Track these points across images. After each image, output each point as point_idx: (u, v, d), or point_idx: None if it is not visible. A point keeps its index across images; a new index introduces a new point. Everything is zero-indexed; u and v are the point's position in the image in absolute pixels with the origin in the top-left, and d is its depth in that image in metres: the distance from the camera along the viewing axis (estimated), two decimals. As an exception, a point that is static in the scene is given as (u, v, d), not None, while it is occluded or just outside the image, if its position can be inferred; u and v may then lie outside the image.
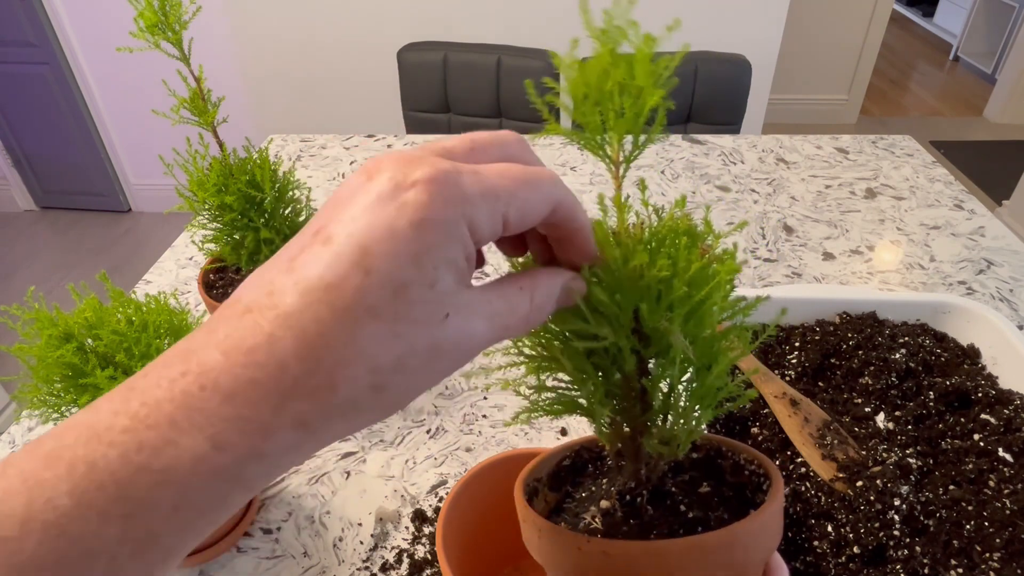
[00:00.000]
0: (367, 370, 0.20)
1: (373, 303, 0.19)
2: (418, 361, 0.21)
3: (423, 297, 0.20)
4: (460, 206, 0.21)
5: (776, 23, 2.08)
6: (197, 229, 0.63)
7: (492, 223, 0.22)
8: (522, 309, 0.24)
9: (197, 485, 0.19)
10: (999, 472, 0.51)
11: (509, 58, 1.49)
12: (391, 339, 0.20)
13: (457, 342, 0.21)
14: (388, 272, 0.20)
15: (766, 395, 0.60)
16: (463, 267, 0.22)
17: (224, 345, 0.19)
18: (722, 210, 1.04)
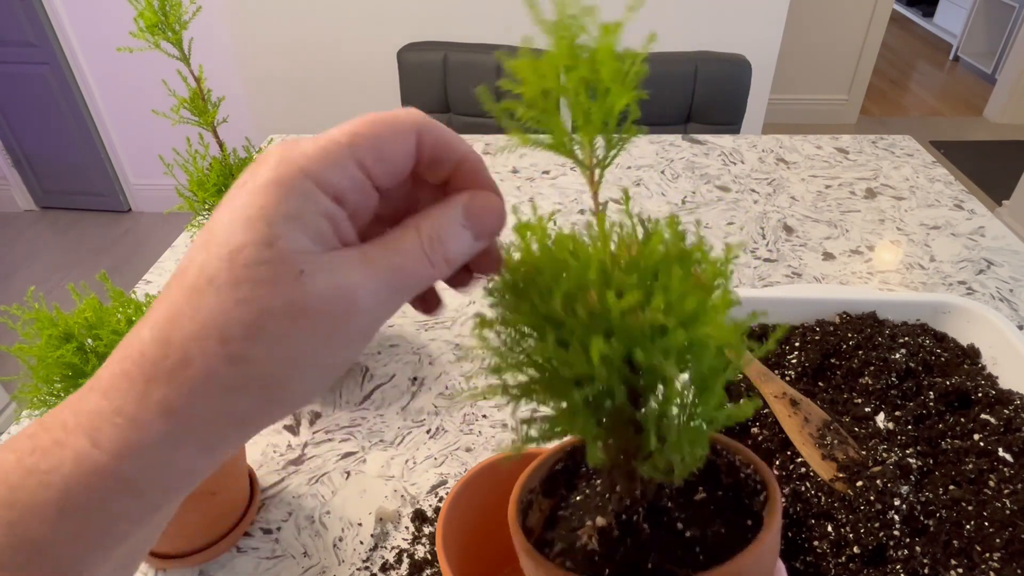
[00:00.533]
0: (218, 340, 0.19)
1: (212, 272, 0.19)
2: (275, 324, 0.19)
3: (261, 256, 0.19)
4: (295, 164, 0.20)
5: (776, 23, 2.08)
6: (197, 229, 0.63)
7: (345, 173, 0.21)
8: (410, 245, 0.22)
9: (79, 486, 0.19)
10: (999, 472, 0.51)
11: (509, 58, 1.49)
12: (235, 305, 0.19)
13: (324, 298, 0.20)
14: (223, 240, 0.19)
15: (766, 395, 0.60)
16: (321, 226, 0.21)
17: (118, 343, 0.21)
18: (722, 210, 1.04)
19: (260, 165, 0.21)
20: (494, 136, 1.26)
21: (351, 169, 0.21)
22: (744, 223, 1.01)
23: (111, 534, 0.20)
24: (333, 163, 0.21)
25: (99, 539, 0.20)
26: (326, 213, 0.21)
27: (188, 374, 0.19)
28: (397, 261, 0.22)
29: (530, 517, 0.31)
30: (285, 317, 0.19)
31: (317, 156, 0.21)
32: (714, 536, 0.27)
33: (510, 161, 1.18)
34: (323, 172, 0.21)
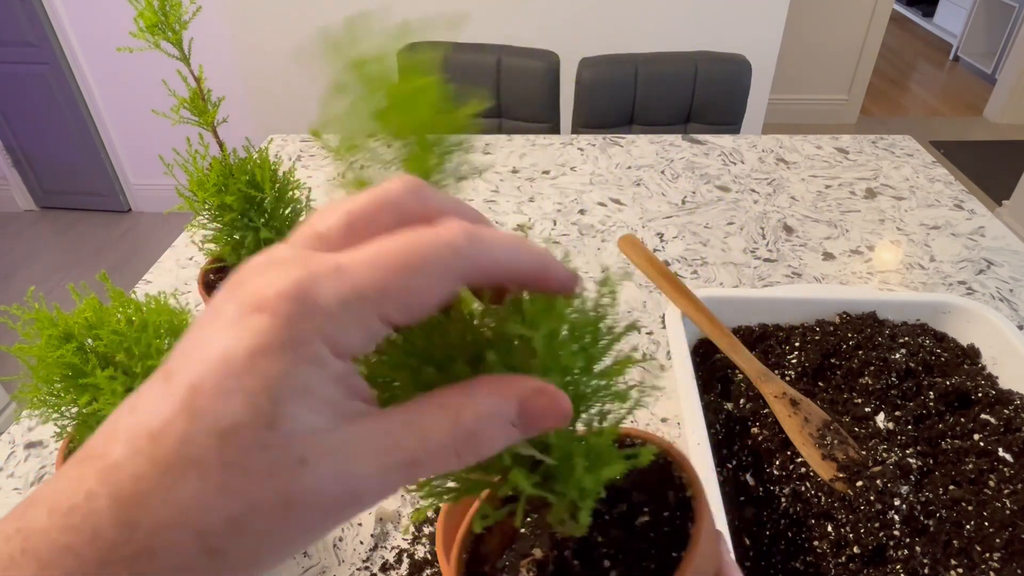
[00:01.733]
0: (193, 533, 0.16)
1: (196, 453, 0.16)
2: (262, 520, 0.16)
3: (260, 441, 0.16)
4: (311, 323, 0.17)
5: (776, 23, 2.08)
6: (197, 229, 0.63)
7: (365, 331, 0.18)
8: (438, 436, 0.18)
9: None
10: (999, 472, 0.51)
11: (509, 58, 1.49)
12: (219, 496, 0.16)
13: (324, 492, 0.17)
14: (215, 413, 0.16)
15: (766, 395, 0.60)
16: (331, 396, 0.17)
17: (51, 501, 0.16)
18: (722, 210, 1.04)
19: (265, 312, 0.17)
20: (494, 136, 1.26)
21: (375, 327, 0.18)
22: (744, 223, 1.01)
23: None
24: (356, 323, 0.17)
25: None
26: (337, 378, 0.18)
27: (154, 566, 0.16)
28: (418, 455, 0.18)
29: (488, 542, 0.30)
30: (275, 512, 0.17)
31: (339, 315, 0.17)
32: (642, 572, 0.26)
33: (510, 161, 1.18)
34: (341, 332, 0.17)
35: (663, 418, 0.69)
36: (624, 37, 2.10)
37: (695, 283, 0.88)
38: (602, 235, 0.99)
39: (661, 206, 1.05)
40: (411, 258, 0.18)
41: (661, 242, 0.97)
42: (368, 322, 0.18)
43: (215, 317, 0.17)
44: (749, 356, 0.63)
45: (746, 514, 0.53)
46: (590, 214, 1.03)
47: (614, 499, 0.30)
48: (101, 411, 0.46)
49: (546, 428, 0.20)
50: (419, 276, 0.18)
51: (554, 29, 2.09)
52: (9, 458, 0.67)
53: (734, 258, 0.93)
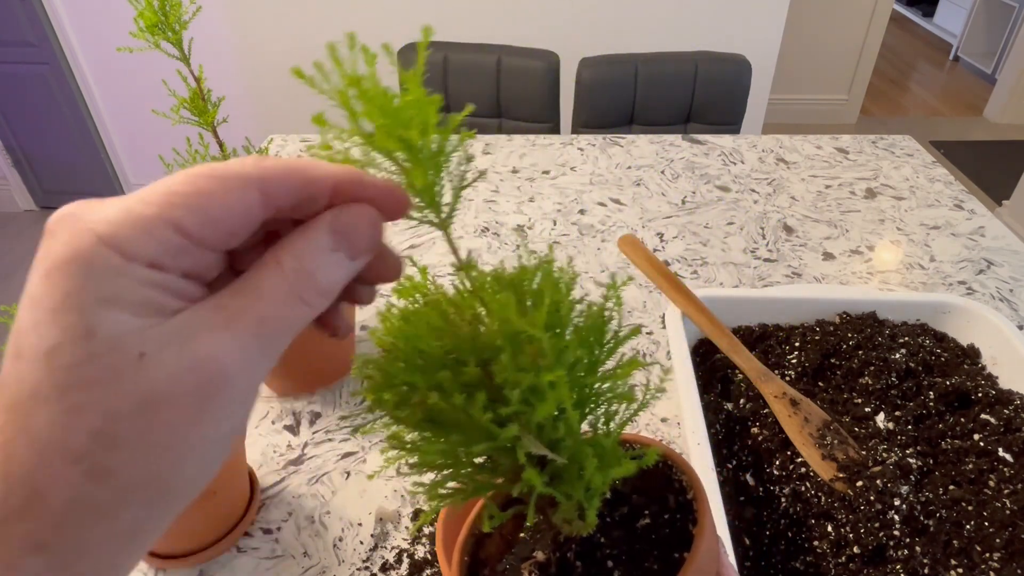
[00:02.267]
0: (67, 461, 0.16)
1: (31, 387, 0.16)
2: (130, 423, 0.16)
3: (83, 352, 0.16)
4: (94, 232, 0.16)
5: (776, 23, 2.08)
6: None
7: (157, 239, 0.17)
8: (273, 286, 0.18)
9: None
10: (999, 472, 0.51)
11: (509, 58, 1.49)
12: (71, 416, 0.16)
13: (180, 378, 0.17)
14: (33, 345, 0.16)
15: (766, 395, 0.60)
16: (145, 296, 0.17)
17: None
18: (722, 210, 1.04)
19: (49, 238, 0.17)
20: (494, 136, 1.26)
21: (165, 234, 0.17)
22: (744, 223, 1.01)
23: None
24: (141, 229, 0.17)
25: None
26: (147, 282, 0.17)
27: (47, 506, 0.16)
28: (262, 309, 0.18)
29: (487, 546, 0.30)
30: (137, 414, 0.16)
31: (119, 221, 0.17)
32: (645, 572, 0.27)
33: (510, 161, 1.18)
34: (129, 240, 0.17)
35: (663, 418, 0.69)
36: (624, 37, 2.10)
37: (695, 283, 0.88)
38: (602, 235, 0.99)
39: (661, 206, 1.05)
40: (205, 170, 0.18)
41: (661, 242, 0.97)
42: (157, 229, 0.17)
43: None
44: (749, 356, 0.63)
45: (746, 514, 0.53)
46: (590, 214, 1.03)
47: (615, 502, 0.30)
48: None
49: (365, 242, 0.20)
50: (211, 182, 0.18)
51: (554, 29, 2.09)
52: (9, 458, 0.67)
53: (734, 258, 0.93)
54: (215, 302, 0.18)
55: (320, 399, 0.72)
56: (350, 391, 0.73)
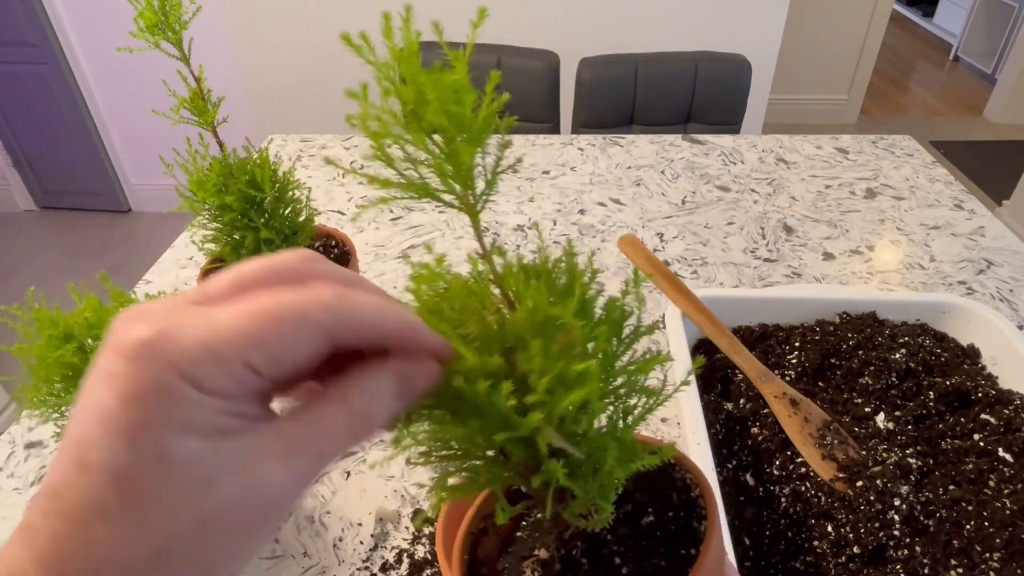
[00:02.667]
0: (120, 573, 0.17)
1: (97, 501, 0.17)
2: (188, 543, 0.17)
3: (154, 474, 0.17)
4: (170, 366, 0.18)
5: (776, 23, 2.08)
6: (197, 229, 0.63)
7: (229, 375, 0.18)
8: (336, 424, 0.20)
9: None
10: (999, 472, 0.51)
11: (509, 58, 1.49)
12: (135, 533, 0.17)
13: (241, 502, 0.18)
14: (104, 462, 0.17)
15: (766, 395, 0.60)
16: (214, 422, 0.18)
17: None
18: (722, 210, 1.04)
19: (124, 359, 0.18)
20: (494, 136, 1.26)
21: (240, 372, 0.19)
22: (744, 223, 1.01)
23: None
24: (218, 368, 0.18)
25: None
26: (217, 410, 0.18)
27: None
28: (321, 444, 0.20)
29: (484, 543, 0.30)
30: (197, 535, 0.17)
31: (198, 358, 0.18)
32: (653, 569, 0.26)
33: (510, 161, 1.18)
34: (207, 375, 0.18)
35: (663, 418, 0.69)
36: (624, 37, 2.10)
37: (695, 283, 0.88)
38: (602, 235, 0.99)
39: (661, 206, 1.05)
40: (278, 309, 0.19)
41: (661, 242, 0.97)
42: (231, 366, 0.18)
43: (94, 370, 0.18)
44: (749, 356, 0.63)
45: (746, 514, 0.53)
46: (590, 214, 1.03)
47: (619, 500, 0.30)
48: (101, 411, 0.46)
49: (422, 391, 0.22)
50: (283, 326, 0.19)
51: (554, 29, 2.09)
52: (9, 458, 0.67)
53: (734, 258, 0.93)
54: (278, 429, 0.19)
55: None
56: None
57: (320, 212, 1.02)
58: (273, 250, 0.63)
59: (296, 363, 0.20)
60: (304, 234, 0.66)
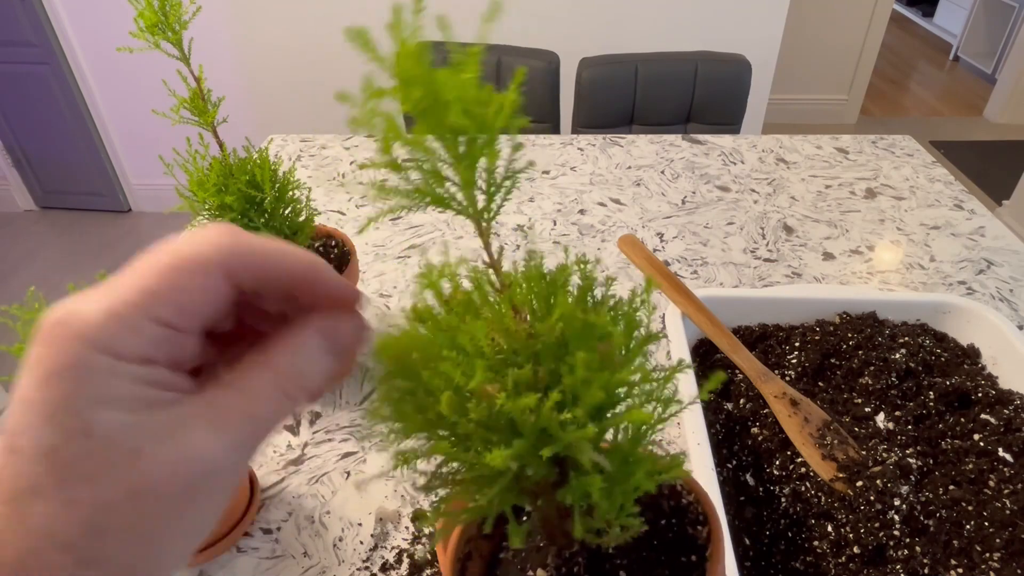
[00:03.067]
0: (59, 548, 0.17)
1: (31, 481, 0.17)
2: (122, 515, 0.18)
3: (81, 450, 0.17)
4: (79, 339, 0.18)
5: (776, 23, 2.08)
6: (197, 229, 0.63)
7: (143, 335, 0.19)
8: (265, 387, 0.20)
9: None
10: (999, 472, 0.51)
11: (509, 58, 1.49)
12: (68, 509, 0.17)
13: (172, 472, 0.18)
14: (30, 445, 0.17)
15: (766, 395, 0.60)
16: (137, 394, 0.18)
17: None
18: (722, 210, 1.04)
19: (41, 346, 0.18)
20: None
21: (149, 329, 0.19)
22: (744, 223, 1.01)
23: None
24: (126, 328, 0.18)
25: None
26: (138, 378, 0.18)
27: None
28: (252, 409, 0.19)
29: (470, 569, 0.29)
30: (129, 506, 0.18)
31: (103, 323, 0.18)
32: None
33: (510, 161, 1.18)
34: (116, 341, 0.18)
35: (663, 418, 0.69)
36: (624, 37, 2.10)
37: (695, 283, 0.88)
38: (602, 235, 0.99)
39: (661, 206, 1.05)
40: (171, 259, 0.19)
41: (661, 242, 0.97)
42: (139, 324, 0.18)
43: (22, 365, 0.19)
44: (749, 356, 0.63)
45: (746, 514, 0.53)
46: (590, 214, 1.03)
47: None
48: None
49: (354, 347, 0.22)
50: (179, 273, 0.19)
51: (554, 29, 2.09)
52: (9, 458, 0.67)
53: (734, 258, 0.93)
54: (207, 398, 0.19)
55: (320, 399, 0.72)
56: (356, 382, 0.73)
57: (320, 212, 1.02)
58: (273, 250, 0.64)
59: (206, 311, 0.20)
60: (304, 234, 0.66)
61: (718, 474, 0.51)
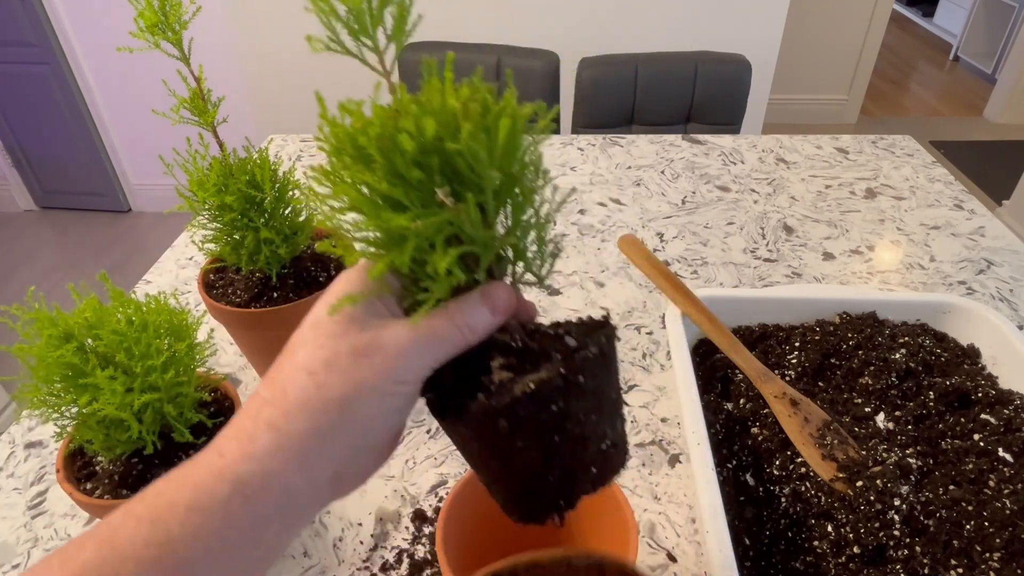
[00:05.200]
0: (306, 373, 0.27)
1: (303, 338, 0.28)
2: (344, 359, 0.27)
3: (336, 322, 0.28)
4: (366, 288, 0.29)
5: (776, 23, 2.08)
6: (197, 229, 0.63)
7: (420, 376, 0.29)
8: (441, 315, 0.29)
9: (204, 487, 0.25)
10: (999, 472, 0.51)
11: (509, 58, 1.49)
12: (317, 350, 0.27)
13: (378, 343, 0.28)
14: (309, 319, 0.29)
15: (766, 395, 0.60)
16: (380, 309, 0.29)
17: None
18: (722, 210, 1.04)
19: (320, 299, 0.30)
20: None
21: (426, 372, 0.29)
22: (744, 223, 1.01)
23: (224, 538, 0.25)
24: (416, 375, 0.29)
25: (214, 541, 0.25)
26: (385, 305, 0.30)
27: (287, 398, 0.27)
28: (431, 323, 0.29)
29: None
30: (350, 354, 0.27)
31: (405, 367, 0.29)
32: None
33: (510, 161, 1.18)
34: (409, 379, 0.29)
35: (663, 418, 0.69)
36: (624, 37, 2.10)
37: (695, 283, 0.88)
38: (602, 235, 0.99)
39: (661, 206, 1.05)
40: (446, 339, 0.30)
41: (661, 242, 0.97)
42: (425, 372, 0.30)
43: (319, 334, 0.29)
44: (749, 356, 0.63)
45: (746, 514, 0.53)
46: (590, 214, 1.03)
47: None
48: (101, 411, 0.46)
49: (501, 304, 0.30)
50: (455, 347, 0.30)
51: (554, 29, 2.09)
52: (9, 458, 0.67)
53: (734, 258, 0.93)
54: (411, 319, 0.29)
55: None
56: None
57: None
58: (273, 251, 0.63)
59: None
60: (304, 234, 0.66)
61: (718, 474, 0.51)
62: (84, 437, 0.48)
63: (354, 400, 0.27)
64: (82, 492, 0.49)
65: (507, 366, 0.30)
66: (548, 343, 0.31)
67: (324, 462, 0.27)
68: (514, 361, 0.30)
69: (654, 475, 0.63)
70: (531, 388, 0.27)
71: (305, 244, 0.67)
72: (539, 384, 0.27)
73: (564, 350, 0.30)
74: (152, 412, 0.48)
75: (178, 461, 0.51)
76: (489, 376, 0.30)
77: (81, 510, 0.60)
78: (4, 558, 0.58)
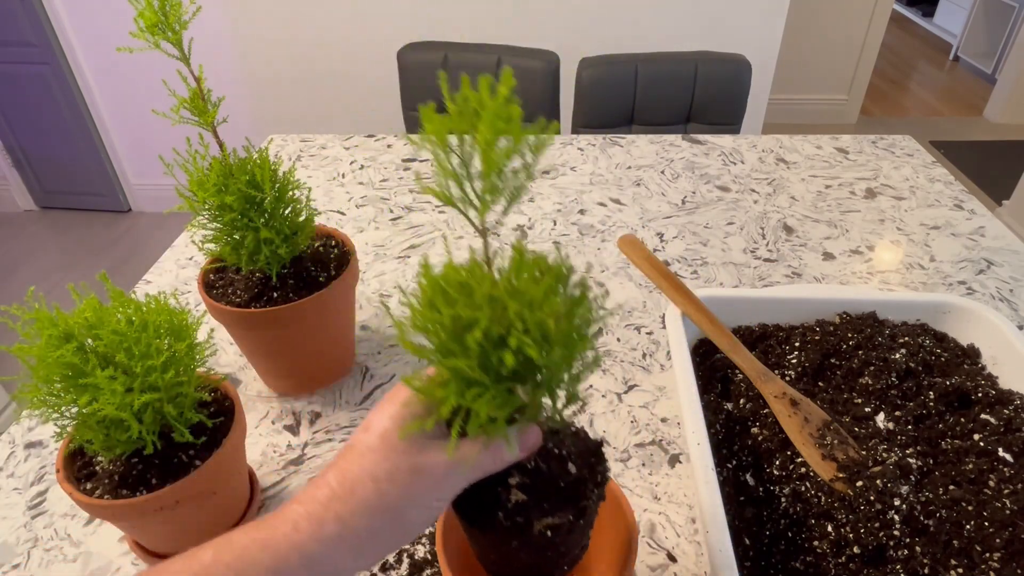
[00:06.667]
0: (371, 480, 0.33)
1: (371, 445, 0.34)
2: (403, 475, 0.33)
3: (398, 437, 0.34)
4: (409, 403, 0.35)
5: (776, 23, 2.08)
6: (197, 229, 0.63)
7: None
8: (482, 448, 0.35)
9: (281, 553, 0.32)
10: (999, 472, 0.51)
11: (509, 58, 1.49)
12: (383, 461, 0.33)
13: (430, 465, 0.34)
14: (378, 429, 0.34)
15: (766, 395, 0.60)
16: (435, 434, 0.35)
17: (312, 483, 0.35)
18: (722, 210, 1.04)
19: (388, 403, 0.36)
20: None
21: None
22: (744, 223, 1.01)
23: None
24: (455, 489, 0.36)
25: None
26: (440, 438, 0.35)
27: (354, 498, 0.33)
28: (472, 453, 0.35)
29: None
30: (409, 470, 0.33)
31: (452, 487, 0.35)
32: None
33: (510, 161, 1.17)
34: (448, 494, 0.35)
35: (663, 418, 0.69)
36: (624, 37, 2.10)
37: (695, 283, 0.88)
38: (602, 235, 0.99)
39: (661, 206, 1.05)
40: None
41: (661, 242, 0.97)
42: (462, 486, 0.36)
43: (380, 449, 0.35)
44: (749, 356, 0.63)
45: (746, 514, 0.53)
46: (590, 214, 1.03)
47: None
48: (101, 411, 0.46)
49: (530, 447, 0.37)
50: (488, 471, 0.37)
51: (554, 29, 2.09)
52: (9, 458, 0.67)
53: (734, 258, 0.93)
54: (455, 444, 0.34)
55: (320, 399, 0.72)
56: (356, 382, 0.73)
57: (320, 212, 1.02)
58: (273, 251, 0.63)
59: None
60: (304, 234, 0.66)
61: (718, 474, 0.51)
62: (84, 437, 0.48)
63: (406, 509, 0.33)
64: (82, 492, 0.49)
65: (522, 485, 0.37)
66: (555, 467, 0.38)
67: (372, 555, 0.34)
68: (527, 481, 0.37)
69: (654, 475, 0.63)
70: (546, 532, 0.35)
71: (305, 244, 0.67)
72: (553, 528, 0.36)
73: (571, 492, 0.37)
74: (152, 412, 0.48)
75: (178, 461, 0.51)
76: (507, 490, 0.37)
77: (81, 510, 0.60)
78: (4, 558, 0.58)
